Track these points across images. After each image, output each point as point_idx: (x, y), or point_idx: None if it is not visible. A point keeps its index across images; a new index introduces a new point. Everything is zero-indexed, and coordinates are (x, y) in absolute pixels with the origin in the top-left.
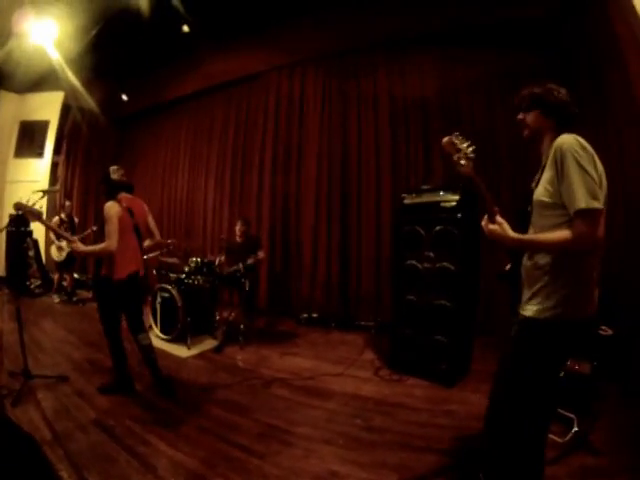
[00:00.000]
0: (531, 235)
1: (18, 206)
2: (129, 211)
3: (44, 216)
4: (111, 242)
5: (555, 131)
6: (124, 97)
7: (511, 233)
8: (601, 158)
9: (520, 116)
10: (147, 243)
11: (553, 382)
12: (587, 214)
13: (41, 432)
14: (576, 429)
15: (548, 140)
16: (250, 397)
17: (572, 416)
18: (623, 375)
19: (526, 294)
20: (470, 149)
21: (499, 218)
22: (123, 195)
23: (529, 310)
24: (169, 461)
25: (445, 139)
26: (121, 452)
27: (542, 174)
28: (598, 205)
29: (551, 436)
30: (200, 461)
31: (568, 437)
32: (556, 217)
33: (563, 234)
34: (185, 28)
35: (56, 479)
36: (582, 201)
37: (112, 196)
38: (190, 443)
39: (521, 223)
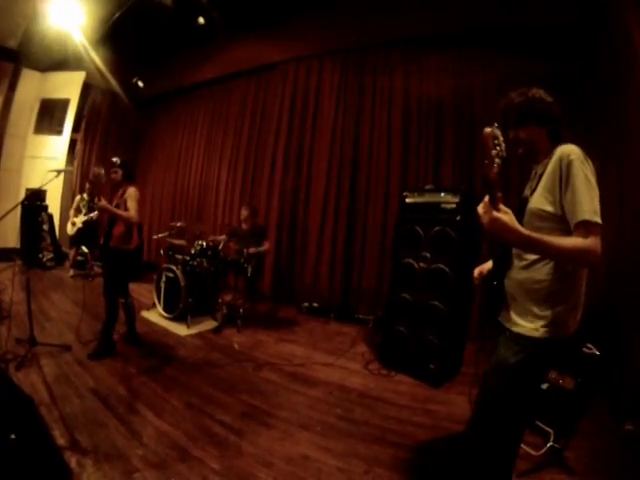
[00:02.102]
0: (542, 235)
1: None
2: None
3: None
4: (135, 215)
5: (549, 138)
6: (140, 84)
7: (520, 227)
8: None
9: (511, 135)
10: None
11: (533, 397)
12: (592, 227)
13: (40, 395)
14: (552, 444)
15: (544, 150)
16: (239, 378)
17: (549, 430)
18: (611, 395)
19: (515, 308)
20: (503, 147)
21: (503, 206)
22: (135, 183)
23: (519, 327)
24: (155, 430)
25: (489, 129)
26: (112, 419)
27: (539, 182)
28: (600, 221)
29: (526, 448)
30: (183, 433)
31: (543, 451)
32: (551, 230)
33: (575, 242)
34: (201, 20)
35: (48, 437)
36: (587, 213)
37: (128, 181)
38: (176, 416)
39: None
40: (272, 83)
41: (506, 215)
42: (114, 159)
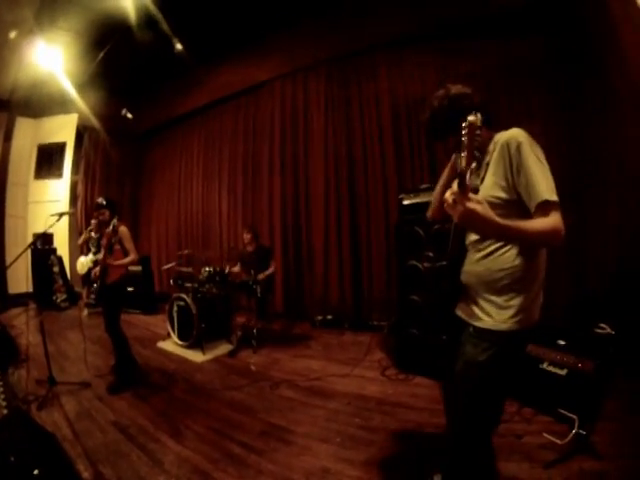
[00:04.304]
0: (515, 221)
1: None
2: None
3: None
4: (136, 255)
5: (485, 127)
6: (128, 115)
7: (495, 216)
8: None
9: (452, 143)
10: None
11: (504, 390)
12: (552, 205)
13: (63, 431)
14: (577, 430)
15: (485, 139)
16: (257, 398)
17: (573, 416)
18: (634, 373)
19: (477, 302)
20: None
21: (473, 195)
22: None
23: (484, 321)
24: (176, 457)
25: (473, 117)
26: (133, 449)
27: (487, 170)
28: (557, 199)
29: (550, 437)
30: (204, 457)
31: (568, 439)
32: (505, 217)
33: (543, 222)
34: (178, 46)
35: (73, 472)
36: (545, 192)
37: (117, 218)
38: (196, 440)
39: (455, 231)
40: (261, 103)
41: (480, 205)
42: (99, 200)
